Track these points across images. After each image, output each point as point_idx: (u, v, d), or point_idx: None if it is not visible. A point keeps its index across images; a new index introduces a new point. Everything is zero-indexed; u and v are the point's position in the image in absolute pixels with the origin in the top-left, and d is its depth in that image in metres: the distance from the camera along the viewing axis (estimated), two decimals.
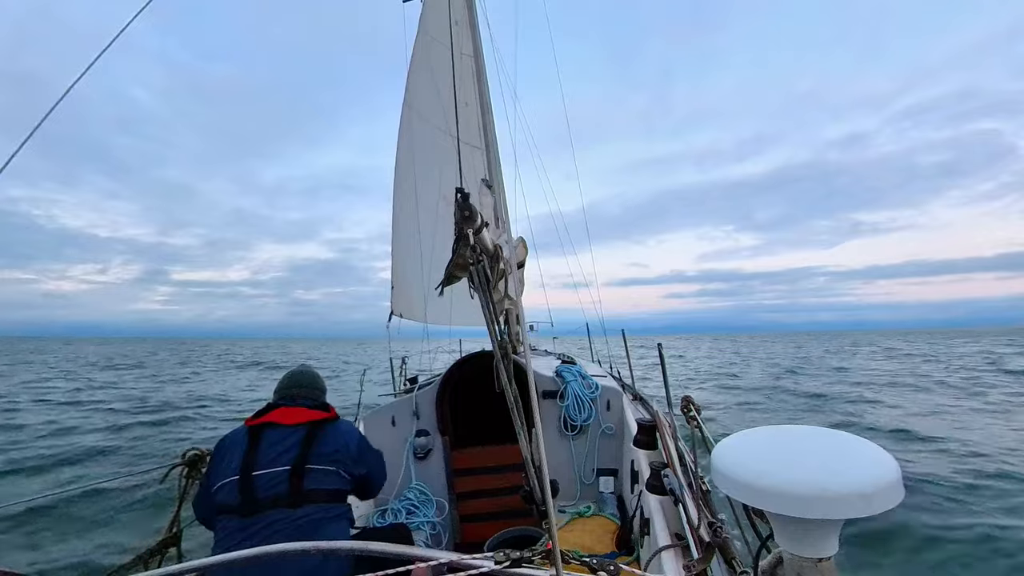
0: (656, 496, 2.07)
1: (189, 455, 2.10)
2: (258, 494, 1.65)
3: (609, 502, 3.20)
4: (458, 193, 0.93)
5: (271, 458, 1.72)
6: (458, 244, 0.98)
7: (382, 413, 3.49)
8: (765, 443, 1.08)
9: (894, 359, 29.80)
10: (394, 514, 3.13)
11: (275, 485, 1.66)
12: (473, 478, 3.42)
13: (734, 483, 1.01)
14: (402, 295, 5.22)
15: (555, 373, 3.57)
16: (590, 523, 3.00)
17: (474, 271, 1.04)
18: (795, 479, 0.92)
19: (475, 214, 0.96)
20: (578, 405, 3.41)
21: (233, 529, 1.62)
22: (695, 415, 2.25)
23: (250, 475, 1.67)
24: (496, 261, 1.18)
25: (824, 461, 0.96)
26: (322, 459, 1.77)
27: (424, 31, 4.92)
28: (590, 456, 3.42)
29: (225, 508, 1.67)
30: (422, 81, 4.96)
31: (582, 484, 3.39)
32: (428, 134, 4.97)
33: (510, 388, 1.25)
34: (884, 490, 0.88)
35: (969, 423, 9.75)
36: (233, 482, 1.68)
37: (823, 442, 1.05)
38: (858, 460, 0.95)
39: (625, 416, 3.36)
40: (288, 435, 1.79)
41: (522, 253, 2.93)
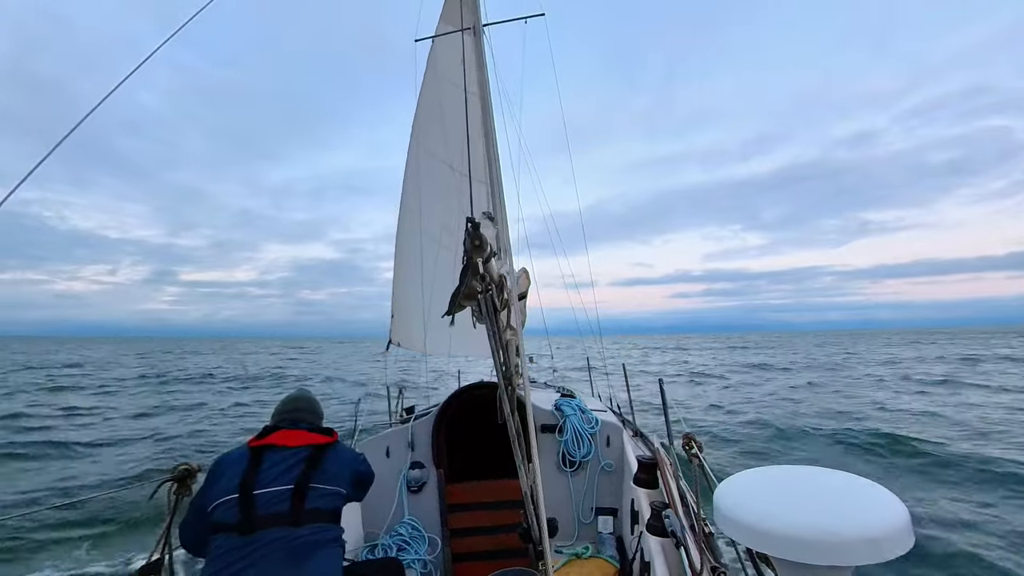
0: (657, 538, 2.01)
1: (179, 470, 2.04)
2: (258, 512, 1.64)
3: (608, 543, 3.10)
4: (469, 223, 0.95)
5: (273, 477, 1.72)
6: (467, 273, 0.99)
7: (376, 443, 3.42)
8: (769, 484, 1.06)
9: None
10: (384, 550, 3.03)
11: (277, 503, 1.66)
12: (468, 514, 3.32)
13: (737, 526, 0.98)
14: (402, 325, 5.21)
15: (554, 407, 3.53)
16: (588, 565, 2.90)
17: (482, 300, 1.05)
18: (800, 522, 0.90)
19: (485, 243, 0.98)
20: (577, 440, 3.35)
21: (231, 547, 1.60)
22: (697, 453, 2.21)
23: (250, 493, 1.66)
24: (501, 291, 1.19)
25: (830, 504, 0.94)
26: (325, 480, 1.78)
27: (433, 68, 5.11)
28: (589, 494, 3.33)
29: (223, 526, 1.64)
30: (429, 117, 5.12)
31: (580, 523, 3.29)
32: (433, 168, 5.09)
33: (512, 420, 1.23)
34: (894, 535, 0.86)
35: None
36: (233, 499, 1.66)
37: (829, 483, 1.03)
38: (865, 503, 0.93)
39: (625, 453, 3.29)
40: (291, 455, 1.80)
41: (524, 284, 2.94)
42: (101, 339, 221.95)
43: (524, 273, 2.75)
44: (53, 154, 1.19)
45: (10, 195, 1.18)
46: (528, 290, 3.07)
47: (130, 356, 50.09)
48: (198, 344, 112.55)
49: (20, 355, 47.31)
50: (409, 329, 5.17)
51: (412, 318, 5.09)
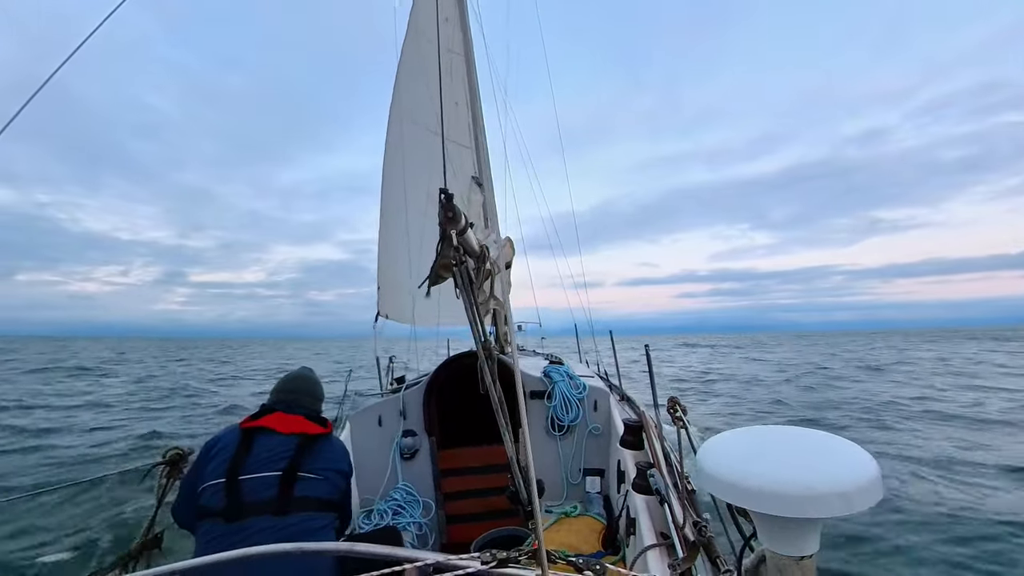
0: (642, 496, 2.08)
1: (170, 454, 2.05)
2: (245, 498, 1.60)
3: (595, 502, 3.21)
4: (442, 193, 0.93)
5: (261, 462, 1.67)
6: (442, 245, 0.97)
7: (368, 413, 3.46)
8: (748, 443, 1.09)
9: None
10: (380, 515, 3.11)
11: (264, 490, 1.62)
12: (460, 479, 3.41)
13: (718, 483, 1.02)
14: (389, 296, 5.18)
15: (543, 373, 3.58)
16: (576, 523, 3.00)
17: (457, 272, 1.04)
18: (777, 479, 0.93)
19: (459, 215, 0.96)
20: (565, 405, 3.41)
21: (216, 534, 1.58)
22: (681, 416, 2.27)
23: (236, 479, 1.63)
24: (482, 262, 1.17)
25: (805, 461, 0.97)
26: (314, 469, 1.74)
27: (414, 29, 4.89)
28: (577, 456, 3.42)
29: (209, 511, 1.61)
30: (411, 80, 4.93)
31: (569, 484, 3.40)
32: (417, 134, 4.95)
33: (494, 389, 1.24)
34: (863, 489, 0.90)
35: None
36: (219, 484, 1.63)
37: (804, 442, 1.06)
38: (838, 460, 0.96)
39: (612, 416, 3.37)
40: (281, 443, 1.75)
41: (509, 253, 2.93)
42: (114, 339, 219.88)
43: (508, 242, 2.73)
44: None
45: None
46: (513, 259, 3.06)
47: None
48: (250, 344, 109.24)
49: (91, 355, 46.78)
50: (396, 301, 5.15)
51: (399, 289, 5.07)
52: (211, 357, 45.11)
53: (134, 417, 12.01)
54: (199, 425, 10.97)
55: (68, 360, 33.94)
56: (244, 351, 66.29)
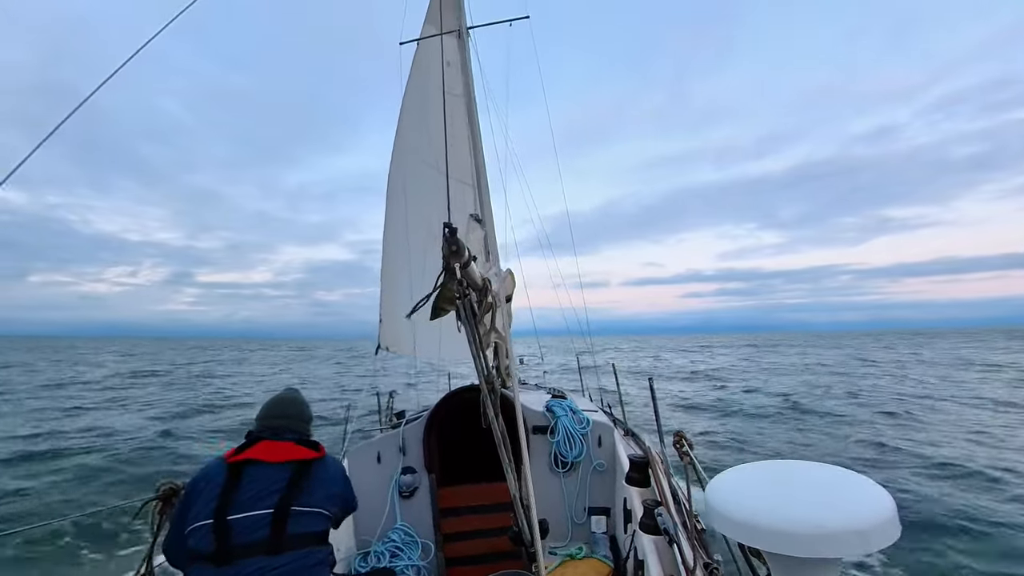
0: (650, 536, 2.01)
1: (163, 489, 1.98)
2: (235, 540, 1.52)
3: (601, 543, 3.10)
4: (445, 228, 0.94)
5: (251, 499, 1.59)
6: (445, 277, 0.98)
7: (367, 449, 3.39)
8: (759, 479, 1.06)
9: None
10: (377, 557, 3.00)
11: (255, 530, 1.54)
12: (460, 518, 3.30)
13: (728, 521, 0.98)
14: (390, 329, 5.18)
15: (545, 408, 3.52)
16: (582, 566, 2.89)
17: (460, 305, 1.04)
18: (790, 516, 0.90)
19: (462, 248, 0.97)
20: (569, 441, 3.34)
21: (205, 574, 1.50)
22: (687, 451, 2.22)
23: (225, 519, 1.54)
24: (484, 295, 1.18)
25: (819, 498, 0.94)
26: (309, 502, 1.66)
27: (418, 71, 5.09)
28: (581, 494, 3.33)
29: (197, 555, 1.53)
30: (414, 119, 5.09)
31: (573, 524, 3.29)
32: (419, 170, 5.07)
33: (497, 423, 1.22)
34: (881, 527, 0.87)
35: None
36: (207, 526, 1.54)
37: (818, 478, 1.03)
38: (853, 496, 0.94)
39: (617, 452, 3.30)
40: (272, 474, 1.66)
41: (510, 286, 2.93)
42: (122, 339, 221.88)
43: (509, 274, 2.74)
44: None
45: (4, 180, 1.18)
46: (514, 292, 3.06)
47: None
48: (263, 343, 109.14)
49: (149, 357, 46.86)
50: (397, 333, 5.14)
51: (400, 322, 5.06)
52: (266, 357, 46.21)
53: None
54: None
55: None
56: (276, 353, 64.42)
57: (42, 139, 1.40)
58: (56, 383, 22.94)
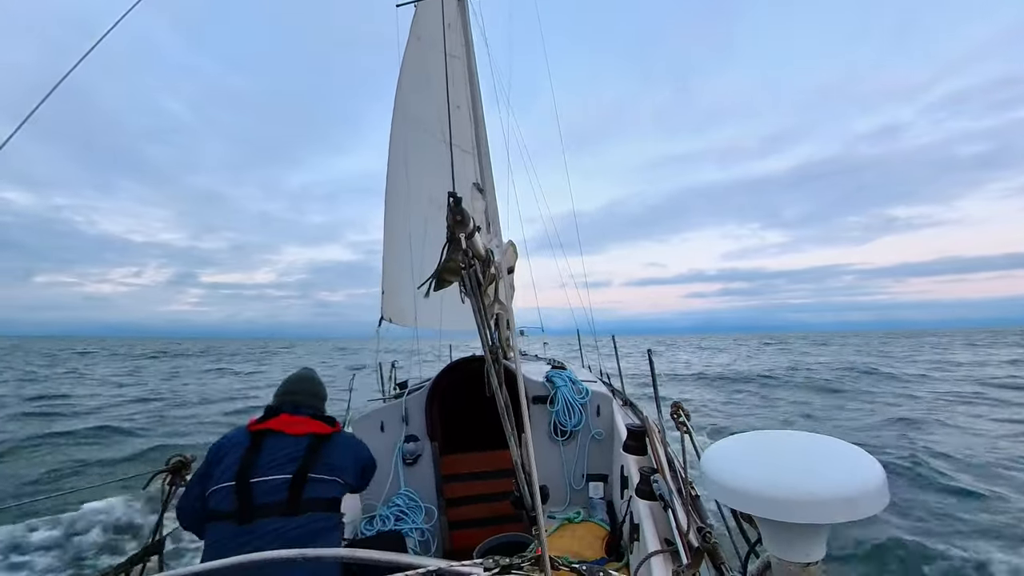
0: (646, 502, 2.07)
1: (173, 461, 2.05)
2: (256, 501, 1.61)
3: (599, 508, 3.19)
4: (450, 197, 0.93)
5: (272, 465, 1.68)
6: (449, 248, 0.97)
7: (371, 418, 3.45)
8: (753, 448, 1.08)
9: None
10: (383, 520, 3.10)
11: (274, 492, 1.63)
12: (462, 484, 3.40)
13: (722, 488, 1.01)
14: (392, 299, 5.19)
15: (545, 378, 3.57)
16: (580, 529, 2.99)
17: (466, 275, 1.04)
18: (781, 484, 0.92)
19: (467, 218, 0.96)
20: (568, 410, 3.40)
21: (227, 536, 1.59)
22: (684, 420, 2.26)
23: (247, 481, 1.63)
24: (487, 266, 1.17)
25: (810, 465, 0.97)
26: (325, 470, 1.75)
27: (416, 35, 4.92)
28: (580, 462, 3.41)
29: (219, 514, 1.62)
30: (413, 85, 4.95)
31: (572, 490, 3.38)
32: (419, 138, 4.97)
33: (500, 393, 1.24)
34: (869, 494, 0.89)
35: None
36: (229, 487, 1.63)
37: (809, 446, 1.05)
38: (844, 465, 0.96)
39: (615, 421, 3.36)
40: (290, 444, 1.76)
41: (512, 258, 2.92)
42: (131, 339, 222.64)
43: (511, 246, 2.73)
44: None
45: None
46: (515, 263, 3.06)
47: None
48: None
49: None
50: (400, 304, 5.15)
51: (402, 293, 5.07)
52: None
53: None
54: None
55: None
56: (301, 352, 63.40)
57: (22, 122, 1.38)
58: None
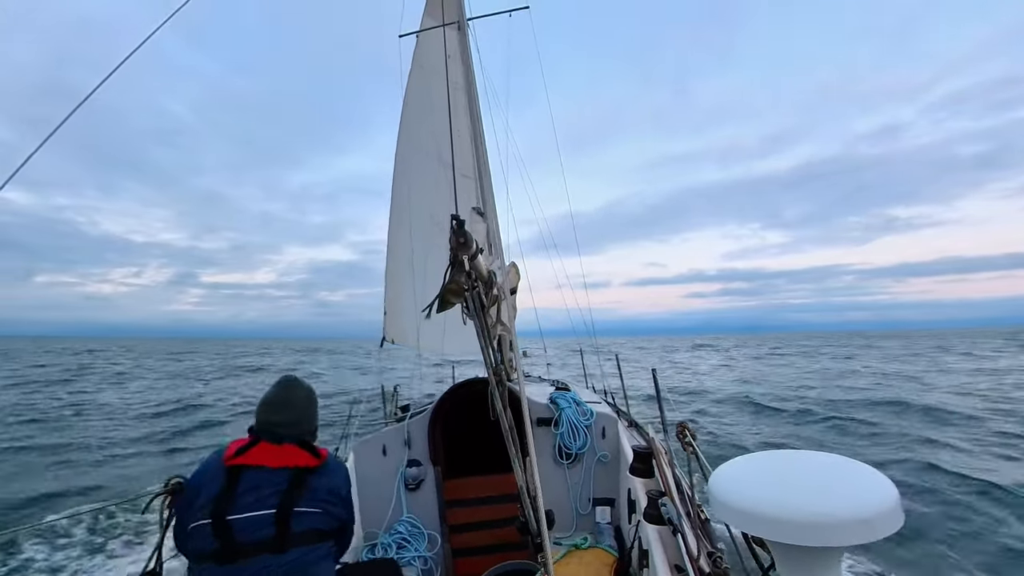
0: (654, 526, 2.03)
1: (172, 483, 2.00)
2: (238, 539, 1.52)
3: (606, 533, 3.12)
4: (453, 220, 0.94)
5: (251, 502, 1.57)
6: (453, 270, 0.98)
7: (373, 442, 3.41)
8: (762, 469, 1.07)
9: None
10: (384, 548, 3.03)
11: (258, 529, 1.54)
12: (466, 510, 3.33)
13: (732, 511, 0.99)
14: (395, 321, 5.19)
15: (549, 400, 3.54)
16: (587, 556, 2.92)
17: (469, 297, 1.04)
18: (793, 505, 0.91)
19: (470, 240, 0.97)
20: (573, 432, 3.36)
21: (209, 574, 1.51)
22: (691, 441, 2.23)
23: (224, 520, 1.54)
24: (490, 287, 1.18)
25: (822, 486, 0.95)
26: (310, 503, 1.64)
27: (418, 64, 5.06)
28: (586, 485, 3.35)
29: (199, 555, 1.55)
30: (416, 113, 5.07)
31: (578, 515, 3.31)
32: (422, 164, 5.06)
33: (505, 415, 1.23)
34: (885, 515, 0.87)
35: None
36: (207, 526, 1.54)
37: (820, 466, 1.04)
38: (857, 484, 0.94)
39: (621, 443, 3.31)
40: (270, 478, 1.63)
41: (514, 279, 2.93)
42: (133, 339, 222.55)
43: (514, 267, 2.75)
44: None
45: (7, 181, 1.19)
46: (518, 285, 3.07)
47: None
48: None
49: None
50: (402, 326, 5.15)
51: (405, 315, 5.08)
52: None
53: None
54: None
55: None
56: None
57: (44, 139, 1.41)
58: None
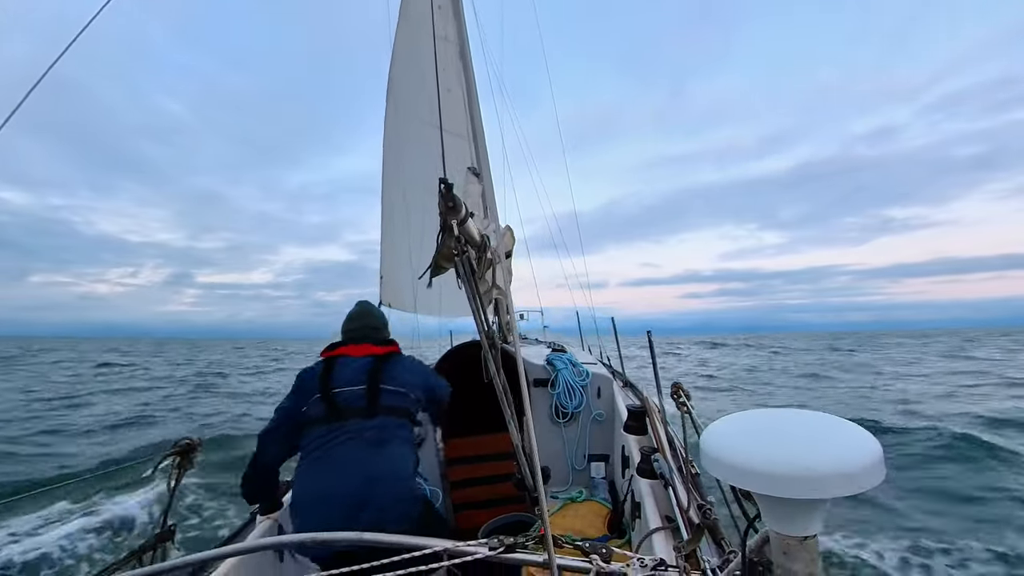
0: (647, 480, 2.10)
1: (182, 444, 2.04)
2: (340, 406, 1.93)
3: (600, 487, 3.24)
4: (441, 184, 0.92)
5: (346, 380, 1.99)
6: (443, 235, 0.97)
7: None
8: (752, 426, 1.09)
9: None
10: None
11: (354, 400, 1.95)
12: (466, 467, 3.44)
13: (722, 465, 1.02)
14: (391, 285, 5.19)
15: (546, 361, 3.59)
16: (582, 508, 3.04)
17: (459, 262, 1.03)
18: (780, 460, 0.93)
19: (459, 205, 0.95)
20: (569, 392, 3.43)
21: (321, 434, 1.90)
22: (684, 401, 2.28)
23: (330, 391, 1.95)
24: (483, 251, 1.17)
25: (808, 442, 0.97)
26: (392, 382, 2.03)
27: (406, 18, 4.82)
28: (581, 442, 3.45)
29: (313, 419, 1.94)
30: (405, 70, 4.87)
31: (574, 470, 3.42)
32: (412, 124, 4.90)
33: (499, 377, 1.25)
34: (866, 469, 0.90)
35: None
36: (318, 399, 1.96)
37: (808, 423, 1.06)
38: (841, 440, 0.97)
39: (615, 402, 3.39)
40: (357, 363, 2.06)
41: (509, 242, 2.90)
42: (131, 339, 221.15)
43: (509, 230, 2.71)
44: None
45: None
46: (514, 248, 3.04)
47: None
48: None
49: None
50: (398, 290, 5.15)
51: (400, 279, 5.06)
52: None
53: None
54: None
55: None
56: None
57: (8, 115, 1.36)
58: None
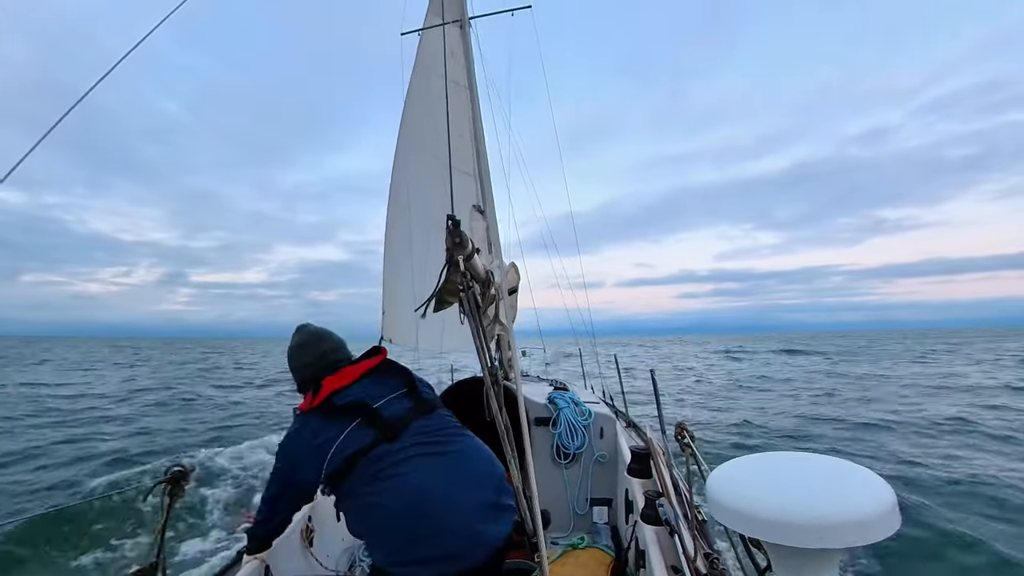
0: (651, 527, 2.03)
1: (173, 472, 1.99)
2: (389, 418, 1.56)
3: (603, 533, 3.12)
4: (449, 220, 0.94)
5: (379, 392, 1.64)
6: (448, 270, 0.98)
7: None
8: (761, 471, 1.07)
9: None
10: None
11: (400, 404, 1.61)
12: None
13: (729, 512, 0.99)
14: (393, 320, 5.19)
15: (547, 400, 3.54)
16: (584, 555, 2.92)
17: (464, 297, 1.04)
18: (791, 507, 0.90)
19: (466, 240, 0.97)
20: (571, 432, 3.36)
21: (382, 455, 1.50)
22: (689, 442, 2.23)
23: (371, 408, 1.57)
24: (487, 287, 1.18)
25: (820, 488, 0.95)
26: (419, 381, 1.75)
27: (421, 62, 5.05)
28: (583, 485, 3.35)
29: (362, 451, 1.51)
30: (417, 111, 5.07)
31: (575, 514, 3.31)
32: (423, 161, 5.05)
33: (501, 415, 1.23)
34: (881, 518, 0.87)
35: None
36: (354, 428, 1.54)
37: (818, 469, 1.04)
38: (854, 487, 0.94)
39: (619, 443, 3.31)
40: (372, 376, 1.70)
41: (513, 279, 2.93)
42: (128, 339, 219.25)
43: (513, 267, 2.74)
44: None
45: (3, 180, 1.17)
46: (519, 285, 3.06)
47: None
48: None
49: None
50: (400, 324, 5.15)
51: (402, 313, 5.08)
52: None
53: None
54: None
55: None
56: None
57: (40, 138, 1.40)
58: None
